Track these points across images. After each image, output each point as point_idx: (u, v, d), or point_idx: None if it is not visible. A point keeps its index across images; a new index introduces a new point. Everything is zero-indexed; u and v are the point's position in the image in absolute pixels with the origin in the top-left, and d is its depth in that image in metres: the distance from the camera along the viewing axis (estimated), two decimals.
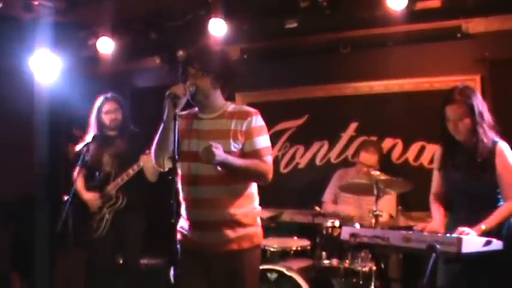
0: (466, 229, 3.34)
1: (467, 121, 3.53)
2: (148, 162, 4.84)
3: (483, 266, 3.36)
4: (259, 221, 3.51)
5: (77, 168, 5.15)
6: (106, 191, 5.10)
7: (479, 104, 3.55)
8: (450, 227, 3.55)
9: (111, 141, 5.21)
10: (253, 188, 3.46)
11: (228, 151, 3.28)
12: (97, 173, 5.20)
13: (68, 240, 5.26)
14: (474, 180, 3.53)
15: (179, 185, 3.39)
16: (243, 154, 3.35)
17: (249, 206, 3.42)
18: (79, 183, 5.13)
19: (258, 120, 3.40)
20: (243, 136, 3.35)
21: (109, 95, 5.26)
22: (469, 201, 3.56)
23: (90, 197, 5.14)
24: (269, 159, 3.39)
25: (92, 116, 5.23)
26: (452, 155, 3.66)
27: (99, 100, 5.22)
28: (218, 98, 3.45)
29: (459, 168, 3.61)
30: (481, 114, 3.53)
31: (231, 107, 3.47)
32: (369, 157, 5.24)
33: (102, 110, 5.19)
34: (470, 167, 3.54)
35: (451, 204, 3.72)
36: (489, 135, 3.53)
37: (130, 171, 5.03)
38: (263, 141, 3.40)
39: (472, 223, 3.37)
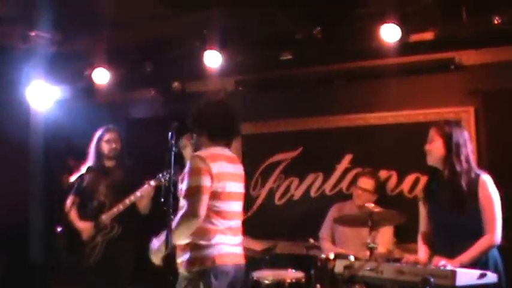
0: (442, 261, 3.35)
1: (439, 144, 3.61)
2: (149, 193, 4.96)
3: None
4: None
5: (71, 197, 5.20)
6: (100, 220, 5.11)
7: (459, 136, 3.61)
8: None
9: (108, 171, 5.27)
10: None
11: None
12: (90, 203, 5.22)
13: (61, 270, 5.24)
14: (456, 213, 3.54)
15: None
16: None
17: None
18: (72, 213, 5.19)
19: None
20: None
21: (110, 125, 5.37)
22: (452, 233, 3.56)
23: (84, 226, 5.16)
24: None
25: (91, 145, 5.31)
26: (435, 186, 3.70)
27: (100, 130, 5.32)
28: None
29: (441, 201, 3.63)
30: (457, 145, 3.57)
31: None
32: (366, 181, 5.26)
33: (103, 139, 5.28)
34: (451, 199, 3.56)
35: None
36: (464, 166, 3.55)
37: (127, 202, 5.04)
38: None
39: (454, 255, 3.39)
